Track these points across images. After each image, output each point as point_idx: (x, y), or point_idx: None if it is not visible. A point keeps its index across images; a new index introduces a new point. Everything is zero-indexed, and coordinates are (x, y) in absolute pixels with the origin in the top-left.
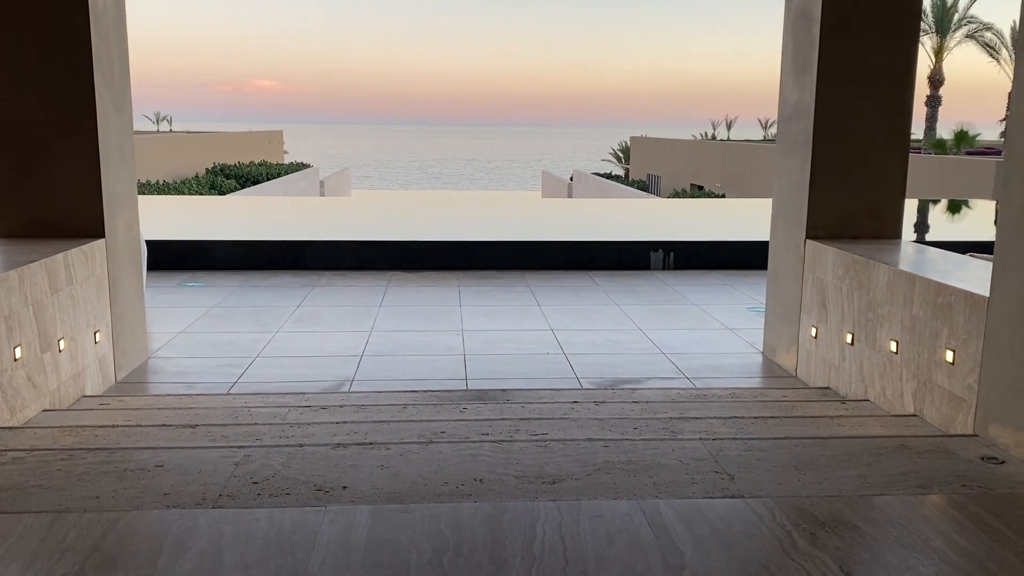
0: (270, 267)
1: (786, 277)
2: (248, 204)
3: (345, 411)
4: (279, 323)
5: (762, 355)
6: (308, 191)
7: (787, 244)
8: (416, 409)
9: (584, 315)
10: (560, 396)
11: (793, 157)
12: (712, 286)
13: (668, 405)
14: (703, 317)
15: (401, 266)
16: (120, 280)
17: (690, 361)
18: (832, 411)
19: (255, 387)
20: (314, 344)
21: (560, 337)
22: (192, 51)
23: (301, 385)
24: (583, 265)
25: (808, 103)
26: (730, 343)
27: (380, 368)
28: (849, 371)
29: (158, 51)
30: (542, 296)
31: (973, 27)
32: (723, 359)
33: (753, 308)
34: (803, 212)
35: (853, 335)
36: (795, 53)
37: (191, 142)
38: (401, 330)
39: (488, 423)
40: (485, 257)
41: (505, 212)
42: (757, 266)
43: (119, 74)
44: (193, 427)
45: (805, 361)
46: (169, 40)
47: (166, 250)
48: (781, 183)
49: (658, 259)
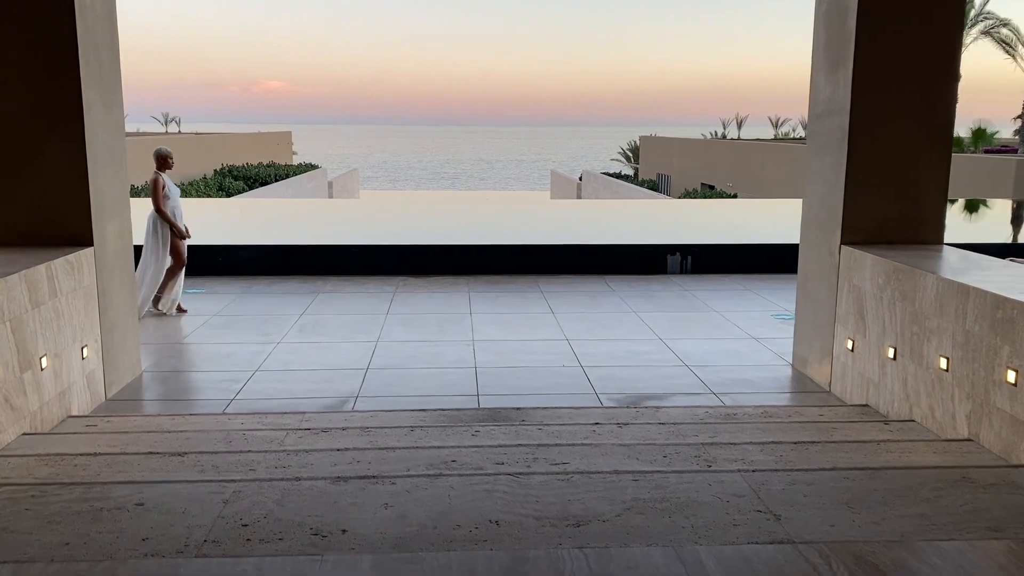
0: (274, 272)
1: (819, 285)
2: (253, 207)
3: (348, 435)
4: (281, 333)
5: (792, 367)
6: (316, 192)
7: (820, 249)
8: (424, 432)
9: (601, 323)
10: (580, 416)
11: (826, 156)
12: (733, 291)
13: (697, 427)
14: (726, 325)
15: (409, 271)
16: (111, 291)
17: (715, 374)
18: (876, 434)
19: (253, 405)
20: (317, 356)
21: (576, 348)
22: (201, 52)
23: (302, 403)
24: (597, 269)
25: (843, 99)
26: (757, 354)
27: (386, 383)
28: (891, 388)
29: (167, 52)
30: (556, 302)
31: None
32: (750, 372)
33: (778, 315)
34: (838, 215)
35: (895, 349)
36: (828, 46)
37: (199, 143)
38: (409, 340)
39: (503, 450)
40: (496, 261)
41: (515, 214)
42: (778, 269)
43: (108, 71)
44: (182, 455)
45: (840, 375)
46: (178, 41)
47: None
48: (813, 184)
49: (675, 262)
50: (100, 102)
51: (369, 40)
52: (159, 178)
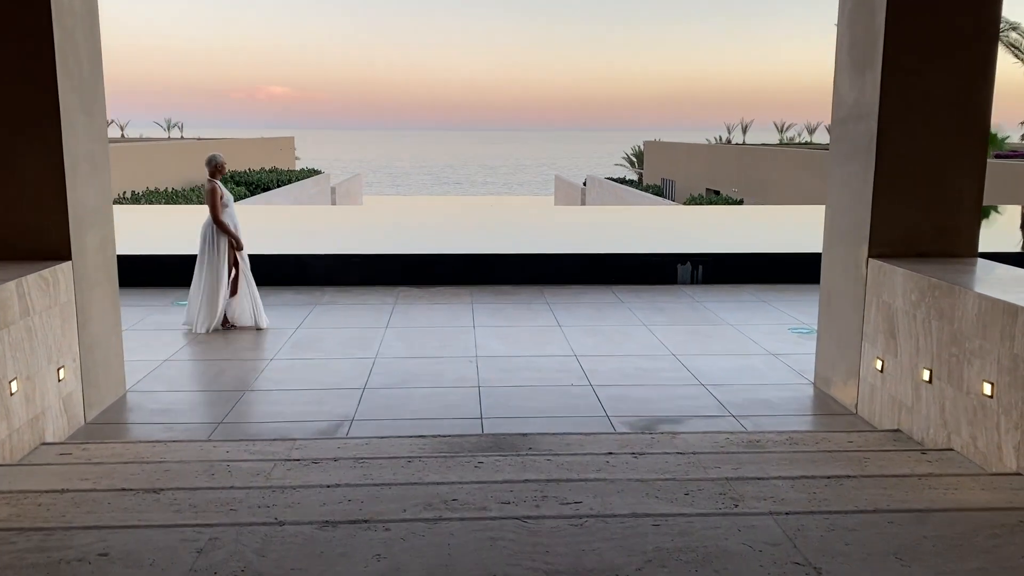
0: (271, 283)
1: (843, 300)
2: (251, 214)
3: (340, 467)
4: (275, 348)
5: (814, 387)
6: (319, 198)
7: (845, 262)
8: (422, 464)
9: (610, 337)
10: (591, 444)
11: (851, 163)
12: (747, 303)
13: (719, 457)
14: (741, 340)
15: (410, 280)
16: (91, 306)
17: (733, 394)
18: (915, 465)
19: (241, 430)
20: (312, 374)
21: (585, 364)
22: (205, 58)
23: (293, 427)
24: (605, 279)
25: (870, 102)
26: (775, 372)
27: (384, 404)
28: (926, 413)
29: (171, 58)
30: (562, 314)
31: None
32: (770, 392)
33: (795, 329)
34: (864, 226)
35: (931, 372)
36: (853, 47)
37: (202, 149)
38: (409, 356)
39: (509, 486)
40: (500, 270)
41: (519, 221)
42: (792, 280)
43: (89, 74)
44: (157, 492)
45: (868, 397)
46: (182, 47)
47: (160, 265)
48: (837, 192)
49: (686, 272)
50: (80, 107)
51: (372, 45)
52: (216, 186)
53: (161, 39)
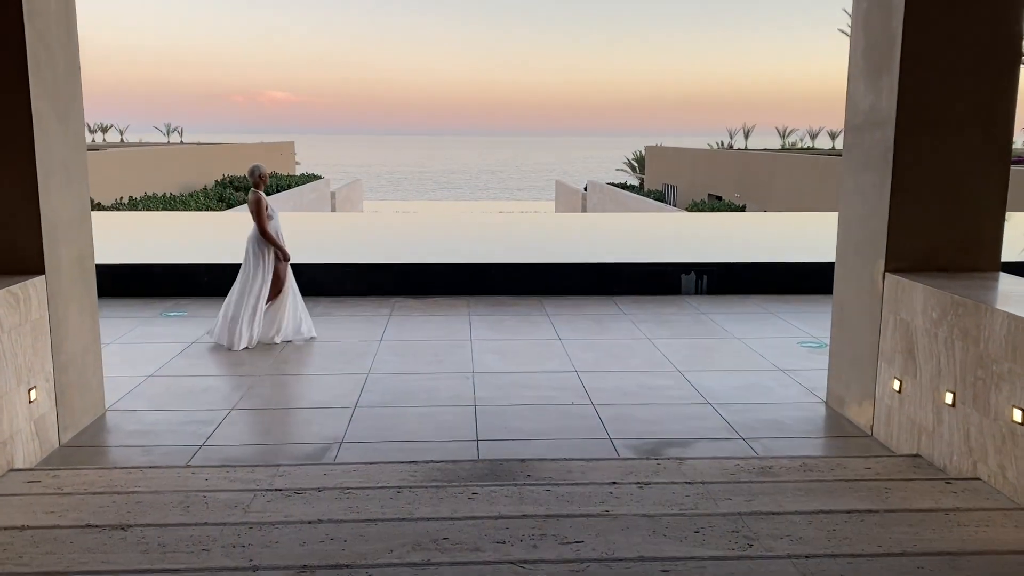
0: None
1: (858, 316)
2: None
3: (324, 498)
4: (264, 363)
5: (826, 406)
6: (318, 203)
7: (859, 276)
8: (413, 495)
9: (612, 352)
10: (593, 471)
11: (866, 172)
12: (753, 315)
13: (730, 488)
14: (749, 355)
15: (407, 290)
16: (66, 323)
17: (742, 414)
18: (940, 497)
19: (223, 453)
20: (300, 391)
21: (586, 381)
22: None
23: (278, 451)
24: (606, 289)
25: (887, 109)
26: (785, 389)
27: (375, 425)
28: (949, 439)
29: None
30: (563, 327)
31: None
32: (781, 411)
33: (804, 343)
34: (881, 239)
35: (955, 395)
36: (868, 50)
37: (201, 153)
38: (402, 372)
39: (504, 523)
40: (498, 280)
41: (519, 229)
42: (800, 290)
43: (64, 79)
44: (125, 528)
45: (885, 419)
46: (183, 51)
47: (149, 275)
48: (851, 203)
49: (690, 282)
50: (54, 113)
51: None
52: (261, 197)
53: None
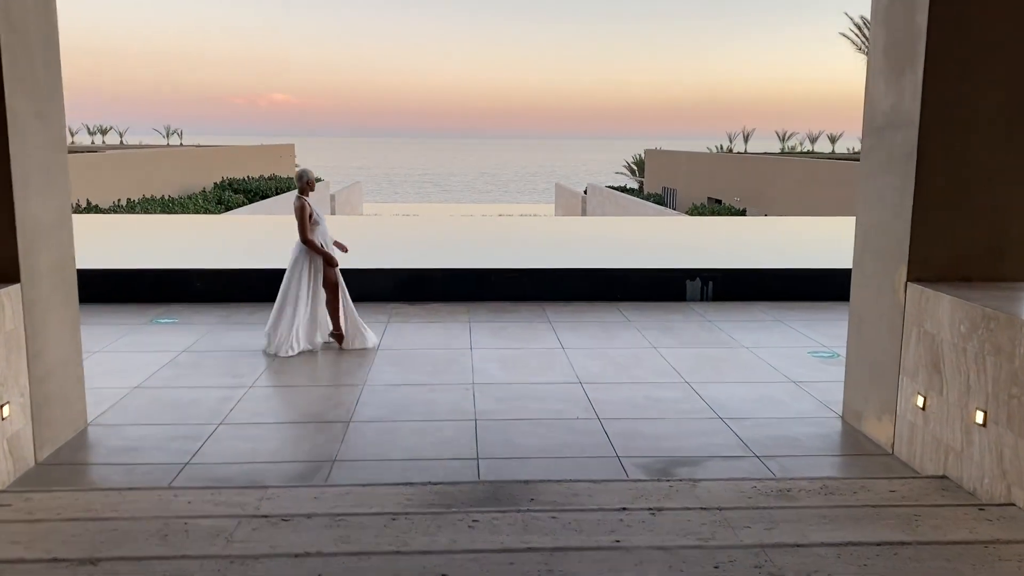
0: (257, 299)
1: (877, 327)
2: (243, 224)
3: (314, 526)
4: (255, 373)
5: (842, 421)
6: (317, 205)
7: (879, 285)
8: (409, 523)
9: (617, 361)
10: (601, 494)
11: (887, 176)
12: (761, 323)
13: (749, 514)
14: (758, 365)
15: (405, 296)
16: (44, 333)
17: (755, 430)
18: (975, 526)
19: (209, 472)
20: (293, 404)
21: (591, 393)
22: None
23: (268, 470)
24: (610, 295)
25: (910, 109)
26: (799, 402)
27: (371, 441)
28: (980, 460)
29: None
30: (566, 335)
31: None
32: (795, 427)
33: (815, 353)
34: (903, 247)
35: (986, 414)
36: (889, 48)
37: (200, 156)
38: (400, 383)
39: (508, 557)
40: (499, 286)
41: (520, 233)
42: (807, 296)
43: (44, 76)
44: (95, 563)
45: (907, 437)
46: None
47: (140, 280)
48: (869, 208)
49: (695, 289)
50: (32, 111)
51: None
52: (305, 204)
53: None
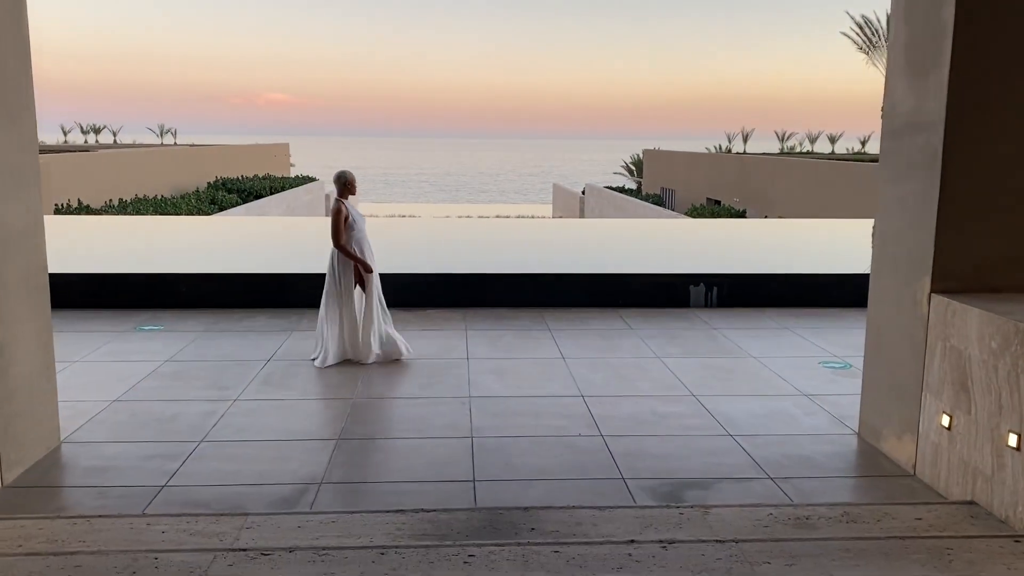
0: (246, 305)
1: (897, 340)
2: (233, 226)
3: (295, 562)
4: (241, 385)
5: (858, 438)
6: (312, 205)
7: (899, 296)
8: (400, 558)
9: (620, 373)
10: (607, 524)
11: (909, 181)
12: (768, 330)
13: (767, 547)
14: (767, 376)
15: (399, 302)
16: (14, 346)
17: (767, 448)
18: (1014, 562)
19: (187, 496)
20: (279, 420)
21: (594, 408)
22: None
23: (249, 493)
24: (611, 301)
25: (933, 111)
26: (812, 418)
27: (360, 461)
28: (1013, 485)
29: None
30: (566, 344)
31: None
32: (809, 445)
33: (827, 363)
34: (926, 256)
35: (1020, 437)
36: (911, 45)
37: (195, 155)
38: (392, 396)
39: None
40: (497, 292)
41: (518, 236)
42: (814, 303)
43: (13, 73)
44: None
45: (931, 458)
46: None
47: (124, 285)
48: (889, 216)
49: (699, 294)
50: (0, 111)
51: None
52: (342, 207)
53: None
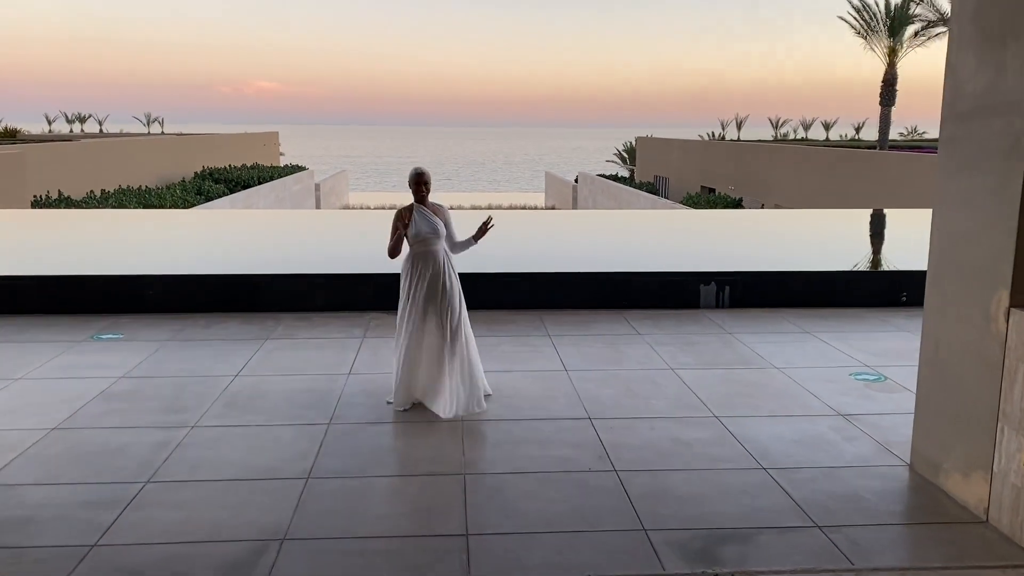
0: (217, 308)
1: (963, 361)
2: (209, 220)
3: None
4: (201, 408)
5: (911, 470)
6: (302, 195)
7: (967, 309)
8: None
9: (631, 388)
10: None
11: (979, 174)
12: (788, 335)
13: None
14: (796, 392)
15: (385, 304)
16: None
17: (809, 485)
18: None
19: (120, 560)
20: (241, 452)
21: (604, 434)
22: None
23: (196, 553)
24: (615, 302)
25: (1013, 88)
26: (853, 444)
27: (332, 507)
28: None
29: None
30: (569, 352)
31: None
32: (856, 480)
33: (860, 375)
34: (1003, 263)
35: None
36: (982, 14)
37: (182, 144)
38: (372, 421)
39: None
40: (491, 292)
41: (513, 231)
42: (832, 302)
43: None
44: None
45: (1010, 503)
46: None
47: (83, 288)
48: (952, 213)
49: (710, 294)
50: None
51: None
52: (403, 212)
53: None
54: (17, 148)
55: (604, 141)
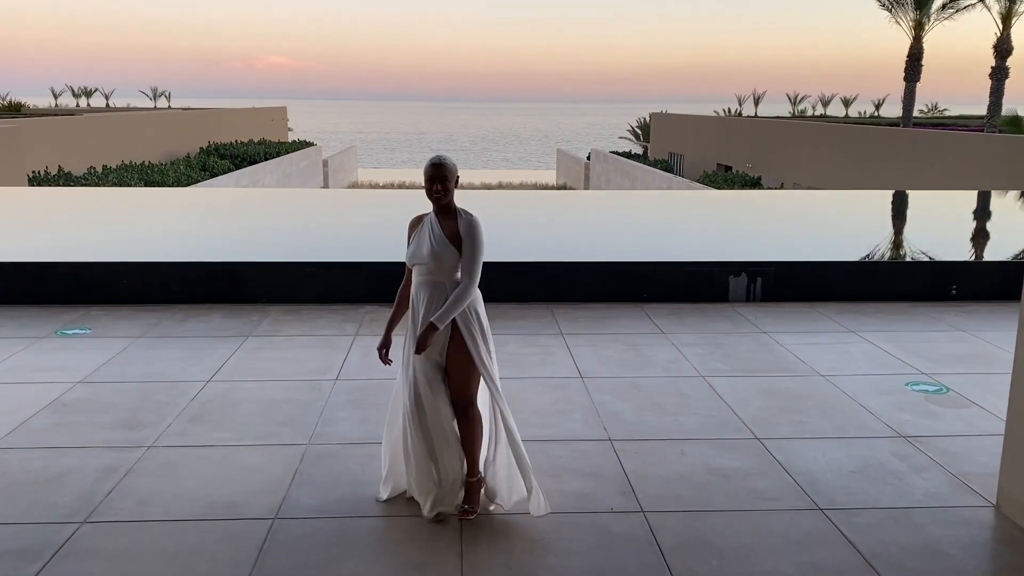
0: (196, 299)
1: None
2: (194, 202)
3: None
4: (163, 423)
5: (995, 511)
6: (309, 171)
7: None
8: None
9: (656, 401)
10: None
11: None
12: (829, 334)
13: None
14: (846, 406)
15: (381, 295)
16: None
17: (876, 533)
18: None
19: None
20: (201, 481)
21: (627, 460)
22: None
23: None
24: (634, 295)
25: None
26: (922, 476)
27: (301, 561)
28: None
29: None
30: (584, 355)
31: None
32: (932, 527)
33: (917, 385)
34: None
35: None
36: None
37: (188, 119)
38: (360, 440)
39: None
40: (498, 283)
41: (523, 214)
42: (876, 296)
43: None
44: None
45: None
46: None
47: (47, 277)
48: None
49: (740, 286)
50: None
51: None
52: (414, 224)
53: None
54: (14, 123)
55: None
